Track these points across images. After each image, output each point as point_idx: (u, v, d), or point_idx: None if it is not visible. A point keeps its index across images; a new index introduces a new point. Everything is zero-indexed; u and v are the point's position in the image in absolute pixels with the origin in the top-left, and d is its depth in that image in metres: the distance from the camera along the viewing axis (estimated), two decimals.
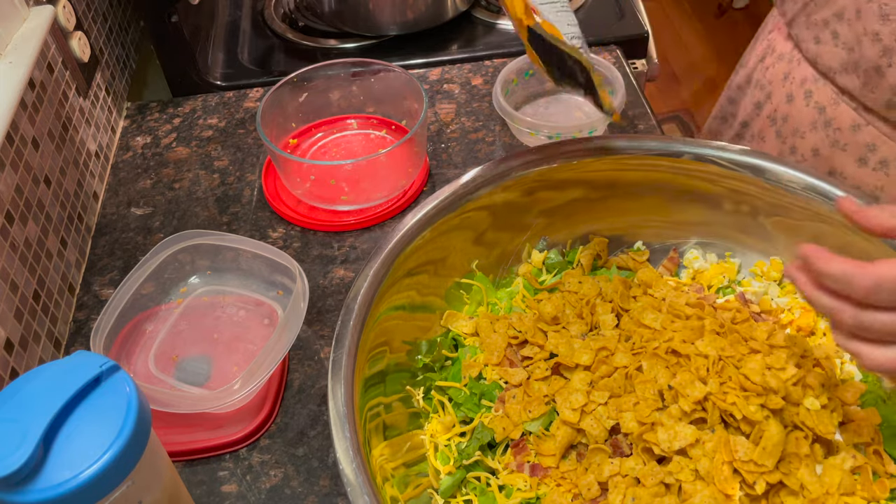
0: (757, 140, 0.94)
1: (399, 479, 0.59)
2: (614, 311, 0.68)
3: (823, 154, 0.84)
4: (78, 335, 0.81)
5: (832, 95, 0.81)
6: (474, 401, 0.65)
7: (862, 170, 0.81)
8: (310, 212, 0.90)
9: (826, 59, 0.79)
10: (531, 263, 0.76)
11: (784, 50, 0.88)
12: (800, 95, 0.85)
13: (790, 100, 0.86)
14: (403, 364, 0.67)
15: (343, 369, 0.57)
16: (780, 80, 0.89)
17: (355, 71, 0.98)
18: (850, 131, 0.80)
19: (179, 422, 0.70)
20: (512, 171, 0.72)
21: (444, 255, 0.71)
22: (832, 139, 0.82)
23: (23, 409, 0.45)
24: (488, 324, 0.69)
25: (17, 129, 0.76)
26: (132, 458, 0.47)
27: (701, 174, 0.72)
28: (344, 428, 0.54)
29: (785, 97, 0.87)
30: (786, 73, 0.87)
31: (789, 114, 0.87)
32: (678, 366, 0.61)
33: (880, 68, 0.73)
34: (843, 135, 0.81)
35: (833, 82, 0.80)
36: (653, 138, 0.74)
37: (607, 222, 0.77)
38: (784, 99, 0.88)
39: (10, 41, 0.79)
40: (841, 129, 0.81)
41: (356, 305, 0.61)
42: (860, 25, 0.73)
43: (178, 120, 1.05)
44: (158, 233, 0.90)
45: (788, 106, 0.87)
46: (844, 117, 0.80)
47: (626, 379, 0.62)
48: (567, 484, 0.60)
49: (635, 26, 1.15)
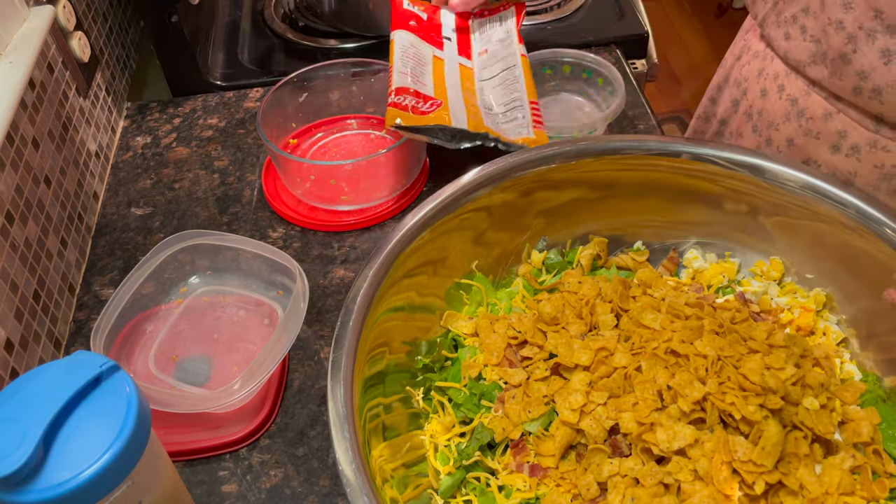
0: (735, 136, 0.97)
1: (399, 480, 0.59)
2: (613, 312, 0.68)
3: (798, 144, 0.87)
4: (78, 335, 0.81)
5: (803, 87, 0.84)
6: (474, 401, 0.65)
7: (835, 157, 0.84)
8: (310, 212, 0.90)
9: (796, 53, 0.83)
10: (531, 264, 0.76)
11: (758, 48, 0.92)
12: (773, 89, 0.88)
13: (764, 94, 0.90)
14: (403, 364, 0.67)
15: (343, 370, 0.57)
16: (754, 76, 0.92)
17: (355, 71, 0.98)
18: (822, 120, 0.83)
19: (179, 422, 0.70)
20: (511, 171, 0.72)
21: (443, 256, 0.71)
22: (805, 129, 0.85)
23: (23, 409, 0.46)
24: (488, 324, 0.69)
25: (17, 129, 0.76)
26: (132, 458, 0.47)
27: (700, 174, 0.72)
28: (344, 429, 0.54)
29: (759, 92, 0.91)
30: (760, 69, 0.91)
31: (764, 108, 0.90)
32: (677, 366, 0.61)
33: (846, 55, 0.76)
34: (815, 124, 0.84)
35: (804, 75, 0.84)
36: (651, 138, 0.74)
37: (607, 222, 0.77)
38: (759, 94, 0.91)
39: (10, 41, 0.79)
40: (813, 119, 0.84)
41: (356, 306, 0.61)
42: (825, 16, 0.77)
43: (178, 120, 1.05)
44: (158, 233, 0.90)
45: (763, 100, 0.90)
46: (816, 107, 0.83)
47: (626, 379, 0.62)
48: (566, 484, 0.60)
49: (635, 26, 1.15)
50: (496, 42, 0.97)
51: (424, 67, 0.91)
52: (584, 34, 1.14)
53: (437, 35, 0.98)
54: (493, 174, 0.71)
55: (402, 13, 0.98)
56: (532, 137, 0.85)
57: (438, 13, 1.01)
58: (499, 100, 0.92)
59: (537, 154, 0.72)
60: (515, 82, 0.92)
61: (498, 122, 0.89)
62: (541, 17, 1.18)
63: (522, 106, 0.89)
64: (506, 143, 0.84)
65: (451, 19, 1.01)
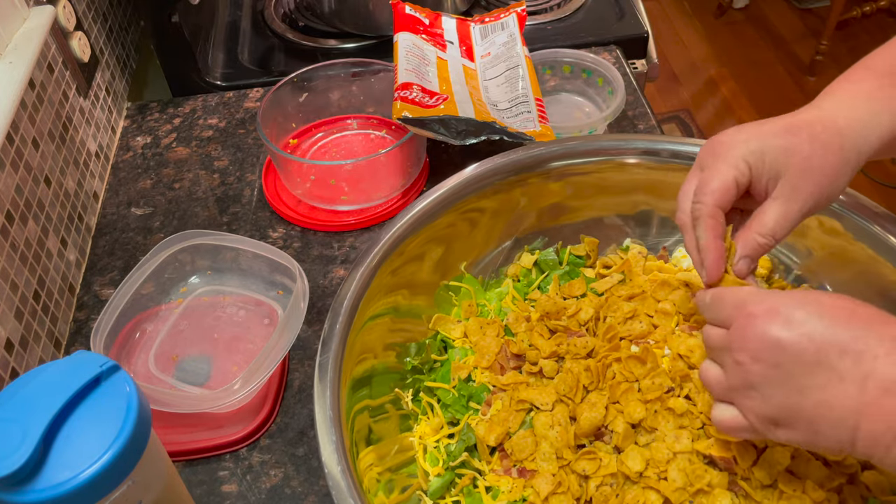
0: None
1: (388, 482, 0.59)
2: (599, 315, 0.69)
3: None
4: (78, 335, 0.81)
5: None
6: (462, 402, 0.65)
7: None
8: (310, 212, 0.90)
9: None
10: (520, 264, 0.76)
11: None
12: None
13: None
14: (392, 367, 0.67)
15: (330, 373, 0.57)
16: None
17: (355, 71, 0.98)
18: None
19: (179, 422, 0.70)
20: (500, 172, 0.72)
21: (432, 258, 0.71)
22: None
23: (23, 409, 0.45)
24: (478, 328, 0.69)
25: (17, 129, 0.76)
26: (132, 458, 0.47)
27: (685, 170, 0.72)
28: (331, 431, 0.54)
29: None
30: None
31: None
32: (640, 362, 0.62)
33: None
34: None
35: None
36: (641, 137, 0.75)
37: (596, 221, 0.77)
38: None
39: (10, 41, 0.79)
40: None
41: (343, 309, 0.61)
42: None
43: (178, 120, 1.05)
44: (158, 233, 0.90)
45: None
46: None
47: (613, 379, 0.62)
48: (553, 480, 0.60)
49: (635, 26, 1.15)
50: (499, 45, 0.98)
51: (429, 66, 0.92)
52: (584, 34, 1.14)
53: (440, 39, 0.98)
54: (480, 176, 0.72)
55: (405, 18, 0.98)
56: (539, 130, 0.85)
57: (440, 19, 1.01)
58: (503, 97, 0.92)
59: (526, 154, 0.73)
60: (520, 80, 0.92)
61: (503, 118, 0.89)
62: (541, 17, 1.18)
63: (528, 101, 0.90)
64: (512, 133, 0.83)
65: (452, 24, 1.01)
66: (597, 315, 0.68)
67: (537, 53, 0.99)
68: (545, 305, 0.68)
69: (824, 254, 0.68)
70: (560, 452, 0.60)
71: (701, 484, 0.55)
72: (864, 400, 0.42)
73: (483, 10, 1.20)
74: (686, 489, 0.56)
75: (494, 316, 0.71)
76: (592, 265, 0.76)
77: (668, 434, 0.58)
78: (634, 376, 0.62)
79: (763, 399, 0.46)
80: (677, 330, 0.65)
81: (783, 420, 0.45)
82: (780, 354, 0.44)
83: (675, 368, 0.61)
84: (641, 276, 0.71)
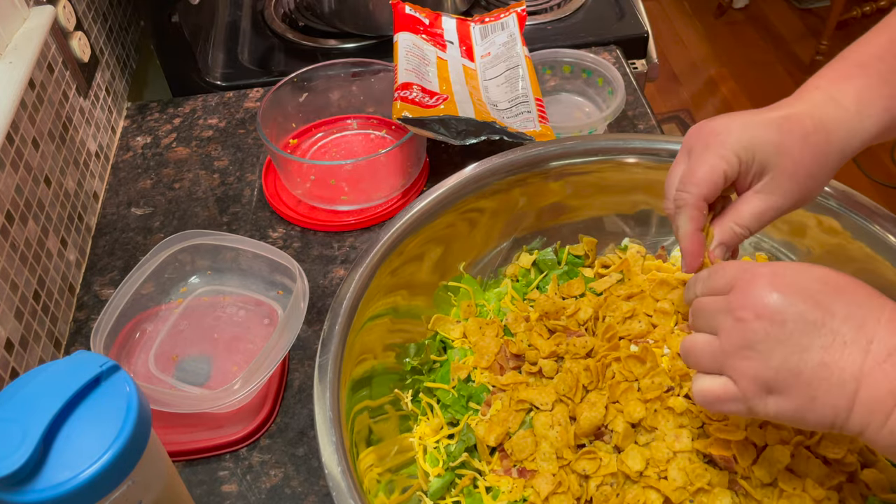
0: None
1: (388, 482, 0.59)
2: (598, 315, 0.69)
3: None
4: (78, 335, 0.81)
5: None
6: (462, 403, 0.65)
7: None
8: (310, 212, 0.90)
9: None
10: (519, 264, 0.76)
11: None
12: None
13: None
14: (392, 367, 0.67)
15: (329, 373, 0.57)
16: None
17: (355, 71, 0.99)
18: None
19: (179, 422, 0.70)
20: (499, 172, 0.72)
21: (431, 258, 0.71)
22: None
23: (23, 409, 0.45)
24: (477, 328, 0.69)
25: (17, 129, 0.76)
26: (132, 458, 0.47)
27: None
28: (331, 432, 0.54)
29: None
30: None
31: None
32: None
33: None
34: None
35: None
36: (640, 137, 0.75)
37: (595, 221, 0.77)
38: None
39: (10, 41, 0.79)
40: None
41: (342, 309, 0.61)
42: None
43: (178, 120, 1.05)
44: (158, 233, 0.90)
45: None
46: None
47: (612, 379, 0.62)
48: (553, 480, 0.60)
49: (635, 26, 1.15)
50: (499, 45, 0.98)
51: (429, 66, 0.92)
52: (584, 34, 1.14)
53: (440, 39, 0.98)
54: (479, 176, 0.72)
55: (405, 18, 0.98)
56: (539, 130, 0.85)
57: (440, 19, 1.01)
58: (503, 97, 0.92)
59: (525, 154, 0.73)
60: (520, 80, 0.92)
61: (503, 118, 0.89)
62: (541, 17, 1.18)
63: (528, 101, 0.90)
64: (512, 133, 0.84)
65: (452, 24, 1.01)
66: (596, 315, 0.68)
67: (537, 53, 0.99)
68: (544, 305, 0.68)
69: (822, 252, 0.68)
70: (560, 452, 0.60)
71: (701, 483, 0.55)
72: (867, 364, 0.42)
73: (483, 10, 1.20)
74: (686, 488, 0.56)
75: (493, 316, 0.72)
76: (591, 265, 0.76)
77: (668, 433, 0.58)
78: (634, 376, 0.62)
79: (762, 358, 0.44)
80: (676, 329, 0.65)
81: (779, 384, 0.44)
82: (784, 311, 0.43)
83: (675, 367, 0.61)
84: (640, 275, 0.71)
